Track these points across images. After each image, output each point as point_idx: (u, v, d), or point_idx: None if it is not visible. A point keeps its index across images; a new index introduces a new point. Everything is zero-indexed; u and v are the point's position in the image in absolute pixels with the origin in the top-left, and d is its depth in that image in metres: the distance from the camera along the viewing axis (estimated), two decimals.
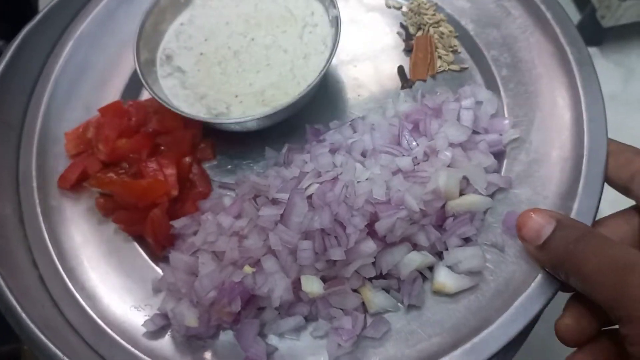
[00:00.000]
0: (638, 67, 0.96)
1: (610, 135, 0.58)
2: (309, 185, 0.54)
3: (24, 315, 0.53)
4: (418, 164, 0.57)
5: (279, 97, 0.62)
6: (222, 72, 0.65)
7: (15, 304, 0.53)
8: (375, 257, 0.53)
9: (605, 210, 0.55)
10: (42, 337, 0.52)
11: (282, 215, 0.53)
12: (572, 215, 0.54)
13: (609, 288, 0.43)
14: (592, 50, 0.97)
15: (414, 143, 0.59)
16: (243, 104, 0.62)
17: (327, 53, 0.64)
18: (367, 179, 0.55)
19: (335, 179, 0.55)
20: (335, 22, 0.64)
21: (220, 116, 0.61)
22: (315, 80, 0.60)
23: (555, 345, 0.49)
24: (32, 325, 0.52)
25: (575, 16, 0.99)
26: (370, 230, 0.53)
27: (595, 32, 0.94)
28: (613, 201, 0.55)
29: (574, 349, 0.50)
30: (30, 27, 0.68)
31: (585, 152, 0.57)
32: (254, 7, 0.69)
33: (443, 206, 0.56)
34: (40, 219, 0.61)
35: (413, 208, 0.52)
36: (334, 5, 0.64)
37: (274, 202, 0.56)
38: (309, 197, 0.54)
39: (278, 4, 0.69)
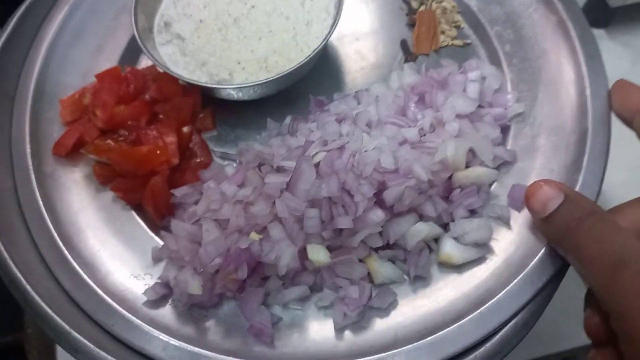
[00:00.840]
0: None
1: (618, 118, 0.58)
2: (316, 153, 0.54)
3: (29, 288, 0.52)
4: (424, 135, 0.57)
5: (283, 64, 0.61)
6: (222, 38, 0.63)
7: (20, 276, 0.52)
8: (382, 227, 0.53)
9: (614, 191, 0.55)
10: (47, 308, 0.50)
11: (288, 183, 0.52)
12: (578, 187, 0.55)
13: (602, 279, 0.43)
14: (599, 32, 0.96)
15: (420, 115, 0.58)
16: (246, 70, 0.61)
17: (329, 20, 0.63)
18: (374, 148, 0.55)
19: (342, 147, 0.54)
20: None
21: (223, 83, 0.60)
22: (320, 46, 0.59)
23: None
24: (37, 297, 0.51)
25: None
26: (378, 200, 0.52)
27: (602, 13, 0.93)
28: (622, 184, 0.55)
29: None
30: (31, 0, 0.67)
31: (589, 126, 0.58)
32: None
33: (449, 178, 0.56)
34: (35, 185, 0.58)
35: (421, 177, 0.52)
36: None
37: (279, 170, 0.55)
38: (316, 164, 0.53)
39: None
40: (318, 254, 0.51)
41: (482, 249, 0.54)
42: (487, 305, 0.51)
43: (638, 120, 0.53)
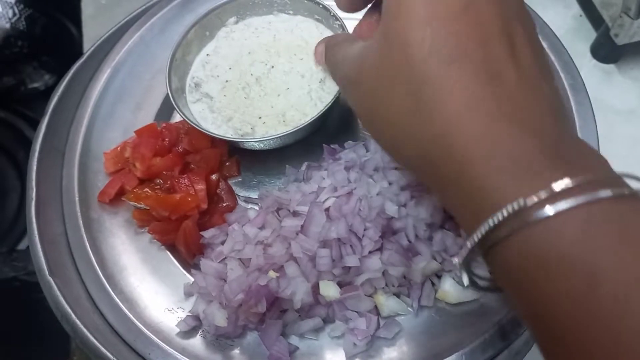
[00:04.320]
0: None
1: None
2: (327, 199, 0.60)
3: (78, 322, 0.59)
4: None
5: (299, 117, 0.68)
6: (246, 96, 0.71)
7: (70, 310, 0.60)
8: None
9: None
10: (93, 339, 0.58)
11: (302, 225, 0.59)
12: None
13: None
14: (610, 67, 0.99)
15: None
16: (266, 124, 0.68)
17: None
18: (378, 194, 0.61)
19: (350, 193, 0.60)
20: None
21: (246, 136, 0.67)
22: (332, 101, 0.66)
23: None
24: (84, 330, 0.59)
25: (592, 34, 1.01)
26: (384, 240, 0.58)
27: (611, 50, 0.95)
28: None
29: None
30: (78, 65, 0.77)
31: None
32: (273, 37, 0.75)
33: None
34: (82, 230, 0.67)
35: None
36: None
37: (295, 214, 0.62)
38: (327, 209, 0.59)
39: (294, 34, 0.75)
40: (329, 290, 0.58)
41: (479, 292, 0.59)
42: (484, 336, 0.56)
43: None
